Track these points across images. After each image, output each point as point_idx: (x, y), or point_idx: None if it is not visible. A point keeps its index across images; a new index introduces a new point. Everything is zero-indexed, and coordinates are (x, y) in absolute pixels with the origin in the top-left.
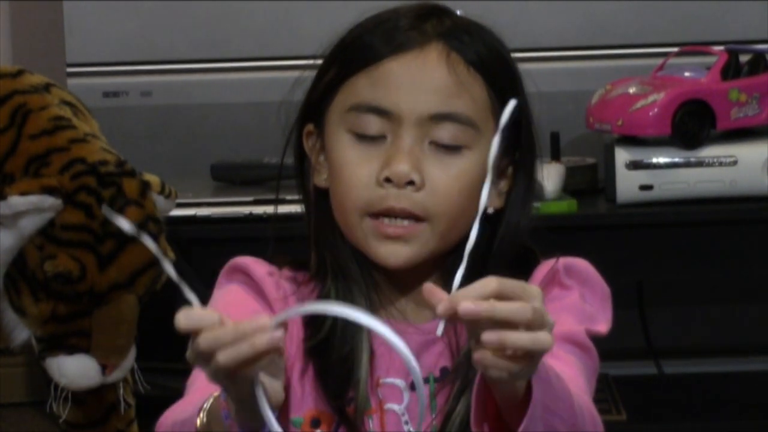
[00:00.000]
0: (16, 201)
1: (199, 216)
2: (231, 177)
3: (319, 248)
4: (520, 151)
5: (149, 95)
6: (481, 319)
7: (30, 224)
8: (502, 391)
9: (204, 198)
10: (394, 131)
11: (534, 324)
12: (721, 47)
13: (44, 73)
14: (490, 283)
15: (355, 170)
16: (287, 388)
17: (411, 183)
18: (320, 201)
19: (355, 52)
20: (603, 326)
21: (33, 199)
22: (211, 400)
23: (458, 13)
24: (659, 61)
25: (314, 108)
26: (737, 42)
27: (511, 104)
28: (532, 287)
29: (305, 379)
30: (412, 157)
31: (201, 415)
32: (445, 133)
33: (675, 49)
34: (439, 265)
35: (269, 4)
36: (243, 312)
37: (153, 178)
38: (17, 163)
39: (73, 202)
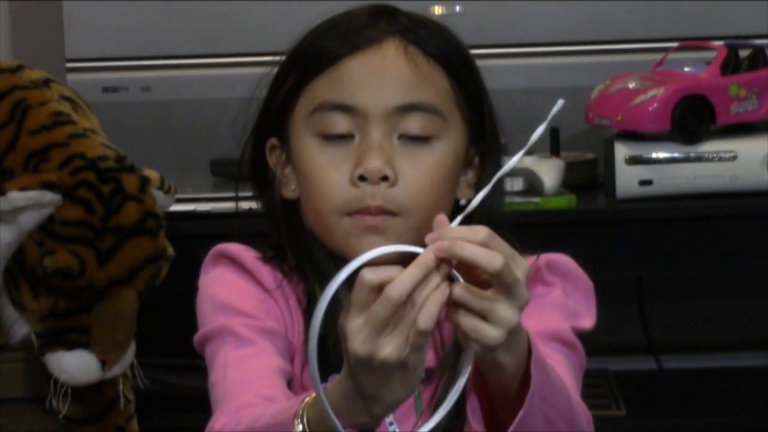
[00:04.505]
0: (16, 196)
1: (199, 211)
2: (230, 172)
3: (297, 257)
4: (485, 141)
5: (149, 90)
6: (446, 256)
7: (29, 220)
8: (495, 379)
9: (203, 193)
10: (362, 129)
11: (503, 280)
12: (721, 42)
13: (44, 68)
14: (480, 231)
15: (328, 173)
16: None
17: (385, 179)
18: (289, 212)
19: (312, 57)
20: (588, 321)
21: (32, 195)
22: (302, 406)
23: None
24: (659, 56)
25: (275, 120)
26: (737, 37)
27: (559, 103)
28: (521, 259)
29: (305, 371)
30: (383, 152)
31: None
32: (414, 123)
33: (675, 44)
34: None
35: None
36: (241, 290)
37: (152, 174)
38: (17, 159)
39: (72, 197)
